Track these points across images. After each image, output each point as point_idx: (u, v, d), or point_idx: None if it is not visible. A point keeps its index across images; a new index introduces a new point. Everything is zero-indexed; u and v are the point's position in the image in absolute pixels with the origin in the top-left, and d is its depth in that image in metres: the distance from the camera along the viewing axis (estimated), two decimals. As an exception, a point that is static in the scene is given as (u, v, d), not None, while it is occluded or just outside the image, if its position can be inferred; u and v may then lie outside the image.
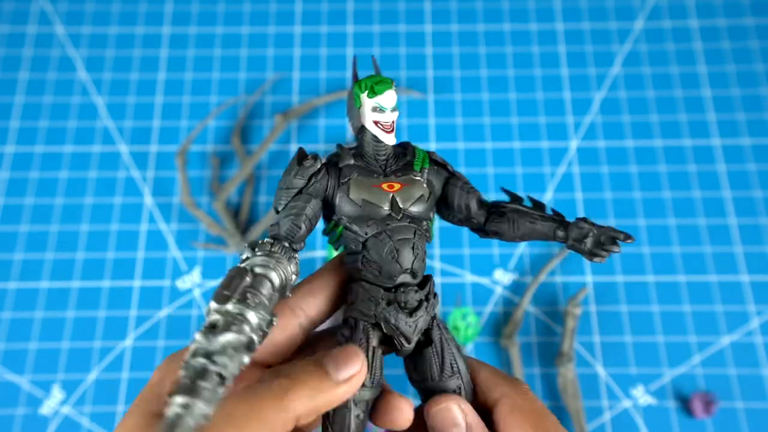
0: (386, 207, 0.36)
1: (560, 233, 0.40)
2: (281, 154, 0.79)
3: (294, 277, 0.34)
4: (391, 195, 0.36)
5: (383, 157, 0.37)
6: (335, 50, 0.84)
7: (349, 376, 0.32)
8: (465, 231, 0.74)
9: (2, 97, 0.81)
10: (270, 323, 0.31)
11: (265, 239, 0.35)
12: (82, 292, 0.71)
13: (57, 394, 0.67)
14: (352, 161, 0.37)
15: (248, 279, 0.31)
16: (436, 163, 0.38)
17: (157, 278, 0.72)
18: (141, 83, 0.82)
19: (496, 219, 0.39)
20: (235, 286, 0.30)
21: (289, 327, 0.35)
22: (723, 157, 0.77)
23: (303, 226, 0.36)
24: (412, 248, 0.36)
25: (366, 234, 0.36)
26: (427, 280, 0.37)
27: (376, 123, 0.36)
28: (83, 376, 0.68)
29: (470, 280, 0.72)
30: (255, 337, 0.29)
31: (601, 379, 0.67)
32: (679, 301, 0.71)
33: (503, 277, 0.72)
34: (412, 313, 0.36)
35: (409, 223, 0.36)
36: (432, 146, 0.78)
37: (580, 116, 0.80)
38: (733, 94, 0.81)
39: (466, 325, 0.67)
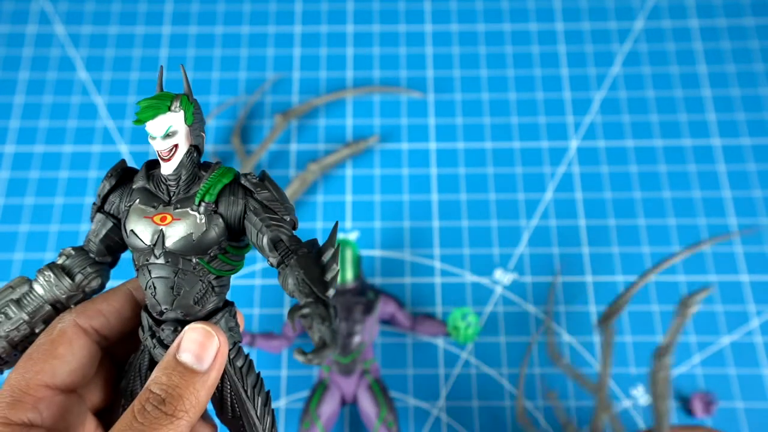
0: (147, 241, 0.34)
1: (303, 310, 0.33)
2: (281, 154, 0.79)
3: (72, 292, 0.36)
4: (160, 229, 0.33)
5: (172, 183, 0.34)
6: (335, 50, 0.84)
7: (213, 361, 0.33)
8: (465, 231, 0.74)
9: (2, 97, 0.81)
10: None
11: (75, 247, 0.37)
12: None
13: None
14: (142, 183, 0.35)
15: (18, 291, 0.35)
16: (236, 191, 0.34)
17: (157, 278, 0.72)
18: (141, 83, 0.82)
19: (282, 268, 0.33)
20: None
21: (83, 348, 0.35)
22: (723, 157, 0.78)
23: (98, 244, 0.36)
24: (171, 288, 0.34)
25: (137, 263, 0.35)
26: (213, 314, 0.35)
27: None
28: (83, 376, 0.68)
29: (470, 280, 0.72)
30: None
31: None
32: (678, 301, 0.70)
33: (503, 277, 0.72)
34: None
35: (169, 261, 0.34)
36: (432, 146, 0.78)
37: (580, 116, 0.80)
38: (733, 94, 0.81)
39: (466, 325, 0.67)
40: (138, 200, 0.34)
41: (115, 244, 0.37)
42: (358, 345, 0.63)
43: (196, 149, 0.35)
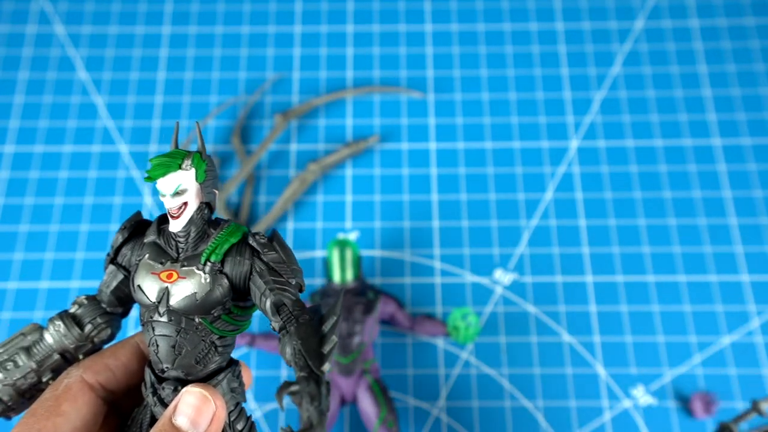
0: (153, 298, 0.33)
1: (292, 387, 0.34)
2: (281, 154, 0.79)
3: (80, 342, 0.36)
4: (166, 286, 0.33)
5: (181, 240, 0.34)
6: (335, 50, 0.84)
7: (208, 426, 0.32)
8: (465, 231, 0.74)
9: (2, 96, 0.81)
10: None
11: (89, 295, 0.37)
12: (82, 292, 0.71)
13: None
14: (152, 238, 0.35)
15: (29, 339, 0.35)
16: (243, 251, 0.34)
17: (157, 278, 0.72)
18: (141, 83, 0.82)
19: (282, 334, 0.33)
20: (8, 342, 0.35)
21: (88, 405, 0.34)
22: (723, 157, 0.77)
23: (109, 295, 0.36)
24: (173, 347, 0.33)
25: (142, 319, 0.35)
26: (215, 374, 0.34)
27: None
28: (83, 376, 0.68)
29: (470, 280, 0.72)
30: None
31: (601, 379, 0.67)
32: (679, 301, 0.70)
33: (503, 277, 0.72)
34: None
35: (172, 320, 0.33)
36: (432, 146, 0.78)
37: (581, 116, 0.80)
38: (734, 93, 0.81)
39: (466, 325, 0.67)
40: (147, 255, 0.34)
41: (125, 296, 0.37)
42: (358, 345, 0.63)
43: (207, 206, 0.35)
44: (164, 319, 0.33)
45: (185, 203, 0.33)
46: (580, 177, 0.77)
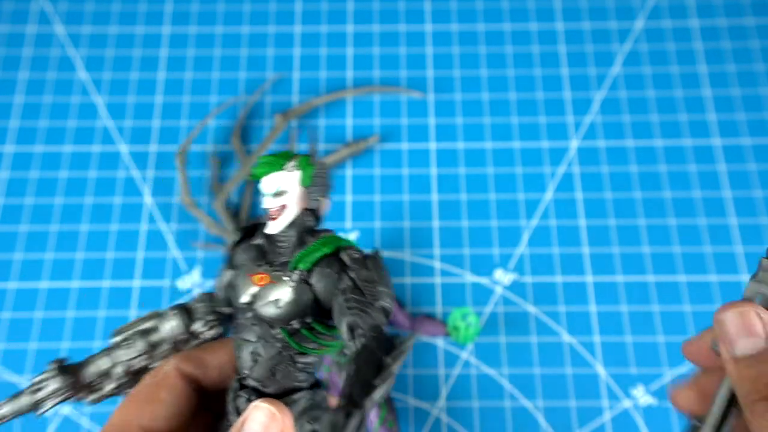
0: (243, 300, 0.33)
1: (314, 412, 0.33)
2: (281, 153, 0.79)
3: (188, 336, 0.36)
4: (257, 289, 0.32)
5: (280, 244, 0.33)
6: (335, 50, 0.84)
7: None
8: (465, 231, 0.74)
9: (2, 96, 0.81)
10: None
11: (207, 292, 0.37)
12: (81, 292, 0.71)
13: (57, 394, 0.67)
14: (260, 240, 0.34)
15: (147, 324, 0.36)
16: (332, 264, 0.32)
17: (157, 278, 0.72)
18: (141, 83, 0.82)
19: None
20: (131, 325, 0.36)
21: (184, 396, 0.34)
22: (723, 157, 0.77)
23: (222, 294, 0.36)
24: (252, 353, 0.32)
25: (235, 320, 0.34)
26: (292, 391, 0.32)
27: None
28: (83, 376, 0.68)
29: (470, 280, 0.72)
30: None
31: (601, 379, 0.67)
32: (679, 301, 0.70)
33: (503, 277, 0.72)
34: None
35: (255, 324, 0.32)
36: (432, 146, 0.78)
37: (581, 116, 0.80)
38: (734, 94, 0.81)
39: (466, 325, 0.67)
40: (249, 256, 0.34)
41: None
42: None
43: (312, 213, 0.33)
44: (249, 322, 0.32)
45: (284, 206, 0.32)
46: (580, 177, 0.77)
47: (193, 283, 0.72)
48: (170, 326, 0.36)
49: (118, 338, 0.36)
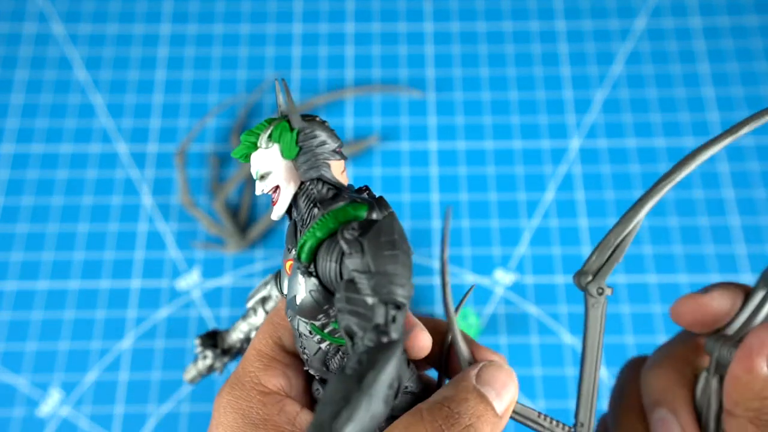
0: (284, 290, 0.28)
1: None
2: (281, 153, 0.78)
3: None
4: (287, 280, 0.27)
5: (300, 224, 0.27)
6: (335, 50, 0.84)
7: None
8: (465, 231, 0.74)
9: (0, 96, 0.81)
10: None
11: None
12: (80, 292, 0.71)
13: (55, 395, 0.67)
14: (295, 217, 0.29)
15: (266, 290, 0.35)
16: (333, 249, 0.26)
17: (156, 278, 0.72)
18: (140, 83, 0.82)
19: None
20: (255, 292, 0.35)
21: (300, 366, 0.30)
22: (725, 157, 0.77)
23: None
24: (300, 347, 0.28)
25: None
26: None
27: None
28: (81, 377, 0.67)
29: (470, 280, 0.71)
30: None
31: (601, 379, 0.67)
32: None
33: (503, 277, 0.72)
34: None
35: (289, 315, 0.27)
36: (432, 146, 0.78)
37: (582, 115, 0.80)
38: (735, 93, 0.81)
39: (466, 326, 0.66)
40: (288, 235, 0.28)
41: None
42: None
43: (319, 182, 0.28)
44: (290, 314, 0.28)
45: (276, 187, 0.27)
46: (581, 177, 0.76)
47: (192, 283, 0.72)
48: (275, 293, 0.34)
49: (249, 304, 0.35)
